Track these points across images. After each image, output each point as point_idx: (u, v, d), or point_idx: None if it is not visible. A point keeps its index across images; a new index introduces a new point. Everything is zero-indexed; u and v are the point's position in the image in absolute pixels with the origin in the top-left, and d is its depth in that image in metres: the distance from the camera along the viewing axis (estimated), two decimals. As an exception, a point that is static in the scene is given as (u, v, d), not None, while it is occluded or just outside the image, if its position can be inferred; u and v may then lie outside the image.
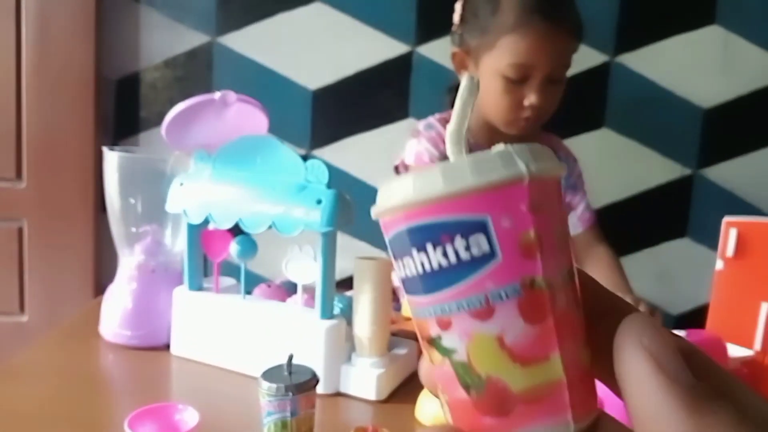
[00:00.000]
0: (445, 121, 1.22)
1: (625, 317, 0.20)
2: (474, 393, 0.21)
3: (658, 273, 1.62)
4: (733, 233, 0.89)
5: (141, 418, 0.61)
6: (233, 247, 0.83)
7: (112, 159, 0.90)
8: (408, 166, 1.23)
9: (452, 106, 0.97)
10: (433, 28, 1.54)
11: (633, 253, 1.61)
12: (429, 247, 0.20)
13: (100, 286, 1.52)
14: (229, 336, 0.85)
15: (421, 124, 1.23)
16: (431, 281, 0.21)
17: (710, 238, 0.94)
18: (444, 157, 1.18)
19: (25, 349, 0.89)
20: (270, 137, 0.83)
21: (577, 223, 1.25)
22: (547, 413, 0.20)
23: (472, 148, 0.21)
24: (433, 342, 0.21)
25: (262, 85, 1.56)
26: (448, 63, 1.48)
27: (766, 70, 1.56)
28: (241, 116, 0.89)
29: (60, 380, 0.80)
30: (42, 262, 1.56)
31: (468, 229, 0.20)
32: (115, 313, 0.90)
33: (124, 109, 1.59)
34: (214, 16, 1.55)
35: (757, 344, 0.87)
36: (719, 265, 0.91)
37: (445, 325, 0.21)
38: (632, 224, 1.60)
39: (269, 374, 0.64)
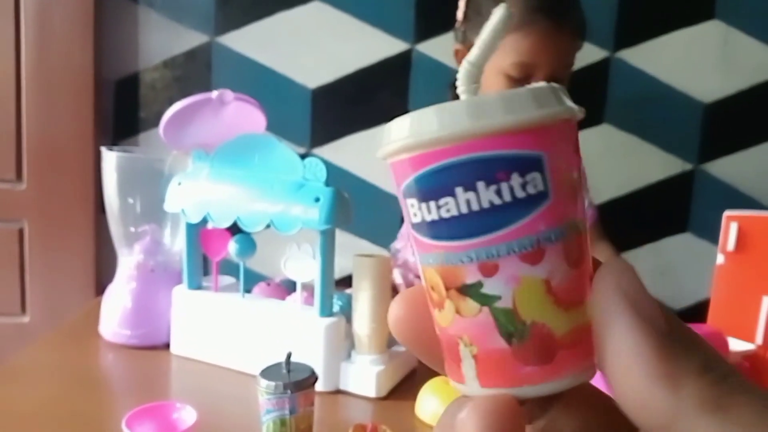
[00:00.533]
0: None
1: (605, 265, 0.20)
2: (516, 341, 0.20)
3: (659, 268, 1.61)
4: (733, 227, 0.89)
5: (138, 417, 0.60)
6: (232, 246, 0.83)
7: (110, 159, 0.90)
8: None
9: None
10: (432, 25, 1.53)
11: (634, 249, 1.61)
12: (480, 184, 0.19)
13: (101, 286, 1.52)
14: (229, 335, 0.85)
15: None
16: (478, 223, 0.19)
17: (712, 233, 0.93)
18: None
19: (25, 349, 0.89)
20: (268, 135, 0.83)
21: None
22: (582, 357, 0.20)
23: None
24: (468, 289, 0.20)
25: (262, 84, 1.56)
26: (447, 60, 1.48)
27: (766, 64, 1.55)
28: (239, 115, 0.89)
29: (60, 380, 0.80)
30: (43, 263, 1.56)
31: (526, 165, 0.19)
32: (115, 312, 0.90)
33: (123, 110, 1.59)
34: (213, 16, 1.55)
35: (759, 338, 0.86)
36: (720, 259, 0.91)
37: (489, 270, 0.19)
38: (633, 220, 1.60)
39: (268, 372, 0.64)
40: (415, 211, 0.20)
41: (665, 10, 1.55)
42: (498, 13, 0.20)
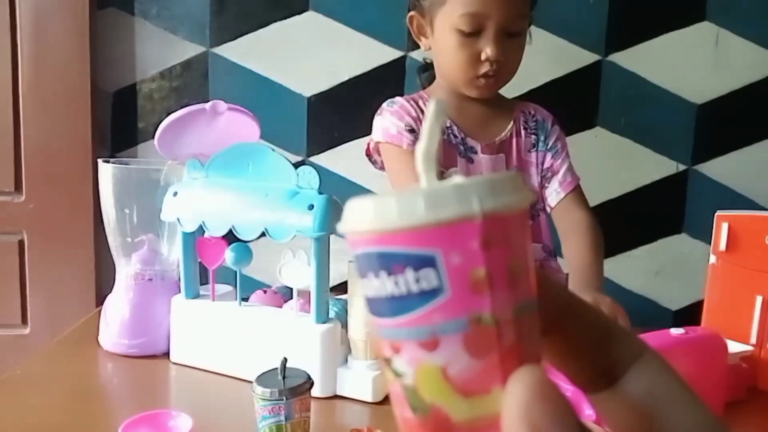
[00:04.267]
0: (410, 99, 1.17)
1: (511, 383, 0.19)
2: (420, 415, 0.21)
3: (655, 270, 1.62)
4: (724, 227, 0.90)
5: (135, 425, 0.61)
6: (228, 255, 0.84)
7: (106, 170, 0.91)
8: (378, 143, 1.19)
9: (423, 86, 0.97)
10: (426, 32, 1.54)
11: (629, 251, 1.61)
12: (383, 274, 0.21)
13: (101, 297, 1.53)
14: (227, 342, 0.85)
15: (384, 103, 1.21)
16: (384, 306, 0.21)
17: (706, 234, 0.94)
18: (409, 126, 1.14)
19: (25, 360, 0.90)
20: (261, 144, 0.84)
21: (558, 188, 1.17)
22: None
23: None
24: (387, 362, 0.22)
25: (258, 93, 1.57)
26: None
27: (758, 64, 1.56)
28: (233, 125, 0.90)
29: (60, 391, 0.80)
30: (43, 275, 1.57)
31: (418, 262, 0.20)
32: (114, 322, 0.91)
33: (121, 121, 1.60)
34: (209, 26, 1.56)
35: (753, 338, 0.87)
36: (712, 259, 0.92)
37: (396, 350, 0.21)
38: (628, 222, 1.60)
39: (263, 379, 0.65)
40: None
41: (656, 13, 1.57)
42: (431, 105, 0.22)
